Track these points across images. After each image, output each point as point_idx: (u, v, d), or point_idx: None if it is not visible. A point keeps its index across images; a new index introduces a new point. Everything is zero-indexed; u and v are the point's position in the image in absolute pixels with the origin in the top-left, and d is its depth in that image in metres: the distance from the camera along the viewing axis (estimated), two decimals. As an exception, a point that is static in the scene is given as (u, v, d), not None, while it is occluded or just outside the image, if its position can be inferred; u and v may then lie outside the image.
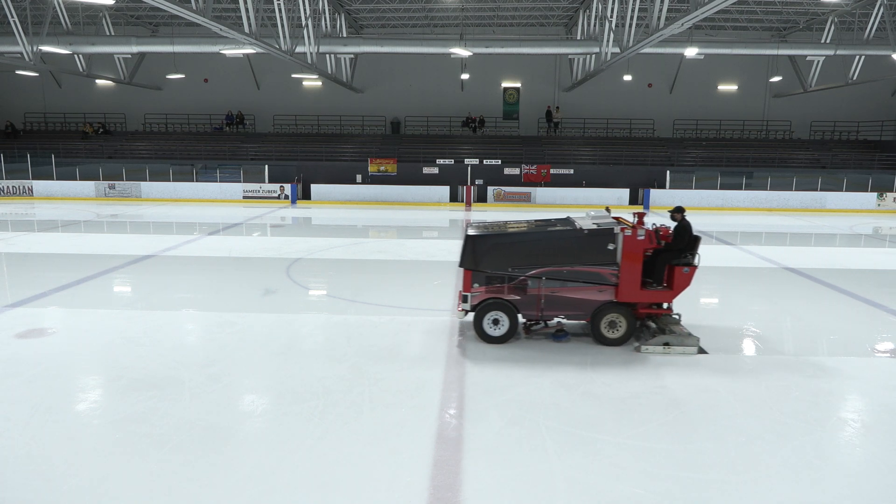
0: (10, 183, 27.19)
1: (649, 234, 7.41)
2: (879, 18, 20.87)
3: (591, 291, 7.51)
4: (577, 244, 7.49)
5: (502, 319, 7.58)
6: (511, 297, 7.57)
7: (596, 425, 5.47)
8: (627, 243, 7.32)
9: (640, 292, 7.44)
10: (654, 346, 7.37)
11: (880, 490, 4.58)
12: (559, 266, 7.48)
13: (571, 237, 7.54)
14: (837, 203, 26.44)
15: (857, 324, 9.07)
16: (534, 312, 7.65)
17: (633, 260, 7.34)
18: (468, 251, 7.60)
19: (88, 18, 25.77)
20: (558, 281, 7.51)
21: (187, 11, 12.98)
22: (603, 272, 7.44)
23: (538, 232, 7.74)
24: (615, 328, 7.56)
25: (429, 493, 4.40)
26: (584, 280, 7.49)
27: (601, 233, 7.44)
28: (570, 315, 7.68)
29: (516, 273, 7.55)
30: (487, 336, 7.63)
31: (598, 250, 7.41)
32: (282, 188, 26.89)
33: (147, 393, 6.02)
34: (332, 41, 21.67)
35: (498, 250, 7.57)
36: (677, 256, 7.68)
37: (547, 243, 7.59)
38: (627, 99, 31.29)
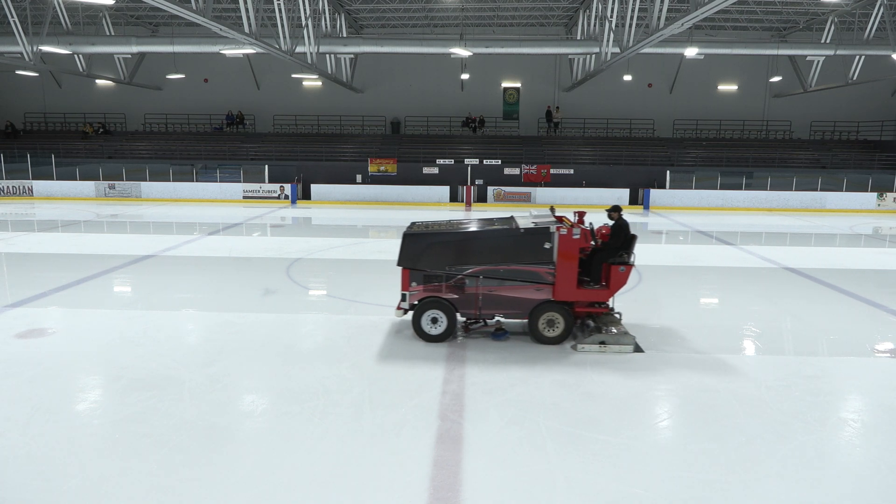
0: (10, 183, 27.19)
1: (584, 233, 7.44)
2: (879, 18, 20.88)
3: (528, 290, 7.52)
4: (514, 243, 7.51)
5: (441, 318, 7.59)
6: (449, 295, 7.60)
7: (596, 425, 5.47)
8: (563, 242, 7.34)
9: (576, 291, 7.46)
10: (590, 344, 7.39)
11: (881, 490, 4.58)
12: (496, 265, 7.51)
13: (508, 236, 7.56)
14: (837, 203, 26.44)
15: (857, 324, 9.07)
16: (472, 311, 7.67)
17: (568, 258, 7.36)
18: (405, 250, 7.64)
19: (88, 18, 25.77)
20: (496, 280, 7.53)
21: (187, 11, 12.98)
22: (539, 271, 7.46)
23: (474, 231, 7.75)
24: (553, 327, 7.58)
25: (429, 493, 4.40)
26: (521, 279, 7.51)
27: (537, 231, 7.45)
28: (508, 314, 7.70)
29: (454, 272, 7.57)
30: (426, 335, 7.64)
31: (534, 249, 7.43)
32: (282, 188, 26.89)
33: (147, 393, 6.02)
34: (332, 41, 21.67)
35: (434, 249, 7.58)
36: (613, 255, 7.70)
37: (483, 242, 7.62)
38: (627, 99, 31.29)
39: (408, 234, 7.68)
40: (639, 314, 9.16)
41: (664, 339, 8.06)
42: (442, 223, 8.49)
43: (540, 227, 7.48)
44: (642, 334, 8.09)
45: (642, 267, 12.97)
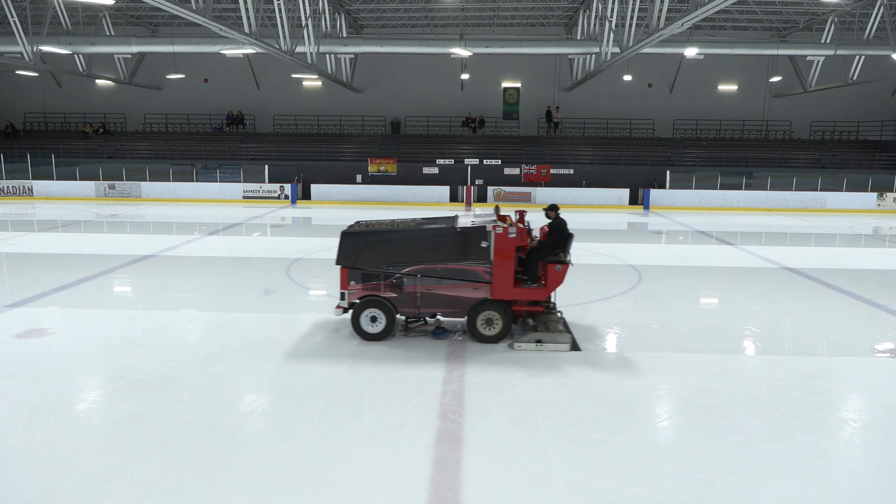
0: (10, 183, 27.18)
1: (520, 232, 7.45)
2: (879, 18, 20.87)
3: (466, 289, 7.54)
4: (451, 242, 7.53)
5: (380, 317, 7.62)
6: (388, 294, 7.63)
7: (596, 425, 5.47)
8: (499, 241, 7.35)
9: (513, 289, 7.48)
10: (527, 343, 7.41)
11: (881, 490, 4.58)
12: (433, 264, 7.53)
13: (444, 235, 7.59)
14: (837, 203, 26.44)
15: (857, 324, 9.07)
16: (411, 310, 7.69)
17: (504, 257, 7.38)
18: (343, 249, 7.67)
19: (88, 18, 25.76)
20: (433, 278, 7.55)
21: (187, 11, 12.98)
22: (476, 270, 7.48)
23: (411, 230, 7.78)
24: (492, 325, 7.59)
25: (429, 493, 4.40)
26: (458, 278, 7.53)
27: (473, 230, 7.47)
28: (446, 312, 7.73)
29: (392, 270, 7.60)
30: (365, 333, 7.67)
31: (471, 248, 7.45)
32: (282, 188, 26.89)
33: (147, 393, 6.02)
34: (332, 41, 21.67)
35: (372, 248, 7.62)
36: (550, 254, 7.72)
37: (420, 241, 7.64)
38: (627, 99, 31.29)
39: (345, 233, 7.73)
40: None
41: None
42: (384, 222, 8.53)
43: (476, 226, 7.52)
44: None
45: (642, 267, 12.98)
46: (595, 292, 10.76)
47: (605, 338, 8.20)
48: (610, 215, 24.07)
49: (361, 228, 7.94)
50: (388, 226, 8.08)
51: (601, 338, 8.23)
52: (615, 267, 13.10)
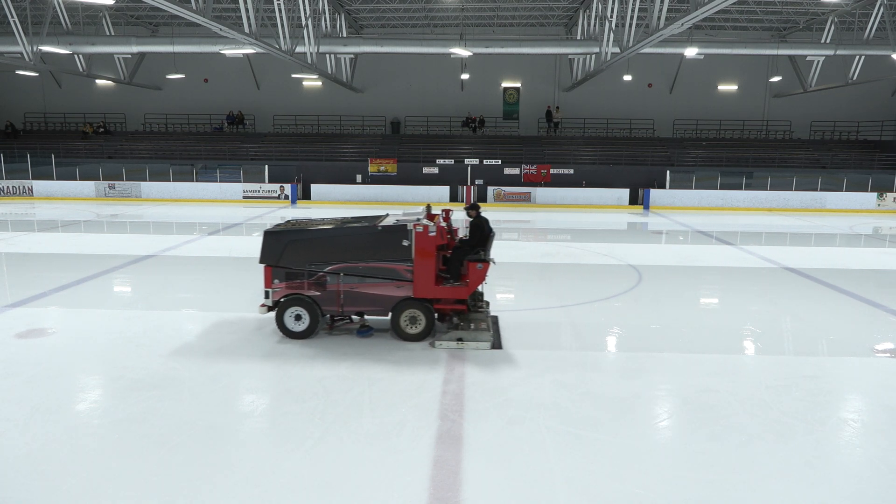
0: (10, 183, 27.19)
1: (440, 231, 7.47)
2: (879, 18, 20.88)
3: (388, 287, 7.57)
4: (372, 240, 7.56)
5: (304, 315, 7.64)
6: (311, 292, 7.64)
7: (596, 425, 5.47)
8: (419, 239, 7.37)
9: (434, 288, 7.50)
10: (448, 341, 7.44)
11: (880, 490, 4.58)
12: (355, 262, 7.56)
13: (366, 234, 7.62)
14: (837, 203, 26.45)
15: (857, 324, 9.07)
16: (335, 308, 7.71)
17: (425, 256, 7.40)
18: (266, 248, 7.69)
19: (88, 18, 25.77)
20: (356, 277, 7.58)
21: (187, 11, 12.98)
22: (398, 268, 7.51)
23: (333, 229, 7.80)
24: (415, 323, 7.62)
25: (429, 493, 4.40)
26: (381, 276, 7.56)
27: (394, 229, 7.50)
28: (370, 311, 7.74)
29: (315, 269, 7.61)
30: (289, 331, 7.69)
31: (392, 246, 7.48)
32: (282, 188, 26.89)
33: (147, 393, 6.02)
34: (332, 41, 21.67)
35: (294, 247, 7.63)
36: (470, 252, 7.75)
37: (342, 240, 7.66)
38: (627, 99, 31.29)
39: (268, 231, 7.75)
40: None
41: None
42: (311, 221, 8.56)
43: (398, 224, 7.56)
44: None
45: (642, 267, 12.98)
46: (595, 292, 10.76)
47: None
48: (610, 215, 24.07)
49: (284, 227, 7.98)
50: (311, 224, 8.14)
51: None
52: (615, 267, 13.10)
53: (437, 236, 7.36)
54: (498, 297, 10.73)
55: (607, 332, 8.53)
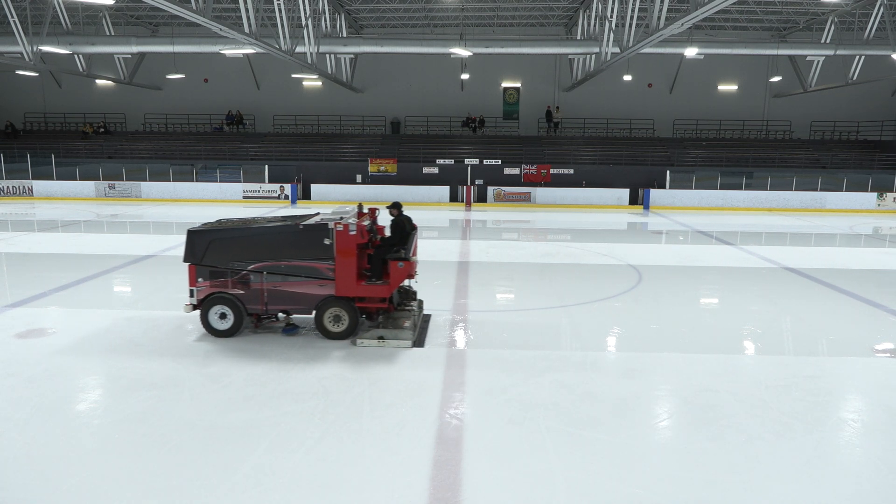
0: (10, 183, 27.18)
1: (361, 229, 7.49)
2: (879, 18, 20.88)
3: (312, 286, 7.60)
4: (294, 239, 7.60)
5: (228, 314, 7.68)
6: (235, 291, 7.68)
7: (596, 425, 5.47)
8: (340, 238, 7.41)
9: (356, 286, 7.53)
10: (369, 339, 7.49)
11: (880, 490, 4.58)
12: (278, 261, 7.60)
13: (288, 232, 7.65)
14: (837, 203, 26.45)
15: (857, 324, 9.07)
16: (259, 307, 7.74)
17: (346, 255, 7.43)
18: (189, 247, 7.72)
19: (88, 18, 25.77)
20: (280, 275, 7.61)
21: (187, 11, 12.98)
22: (320, 267, 7.55)
23: (255, 227, 7.84)
24: (339, 322, 7.65)
25: (429, 493, 4.40)
26: (303, 275, 7.60)
27: (316, 228, 7.53)
28: (294, 309, 7.77)
29: (238, 267, 7.65)
30: (214, 330, 7.73)
31: (314, 245, 7.52)
32: (282, 188, 26.89)
33: (147, 393, 6.02)
34: (332, 41, 21.67)
35: (217, 245, 7.67)
36: (391, 251, 7.79)
37: (264, 238, 7.69)
38: (627, 99, 31.29)
39: (191, 231, 7.79)
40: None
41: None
42: (238, 220, 8.60)
43: (319, 223, 7.59)
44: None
45: (642, 267, 12.99)
46: (595, 292, 10.76)
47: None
48: (610, 215, 24.07)
49: (207, 226, 8.02)
50: (234, 223, 8.18)
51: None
52: (615, 267, 13.10)
53: (357, 235, 7.41)
54: (498, 297, 10.75)
55: (607, 332, 8.53)
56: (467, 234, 18.10)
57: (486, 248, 15.34)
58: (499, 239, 17.71)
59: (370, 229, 7.81)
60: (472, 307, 9.50)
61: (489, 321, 8.82)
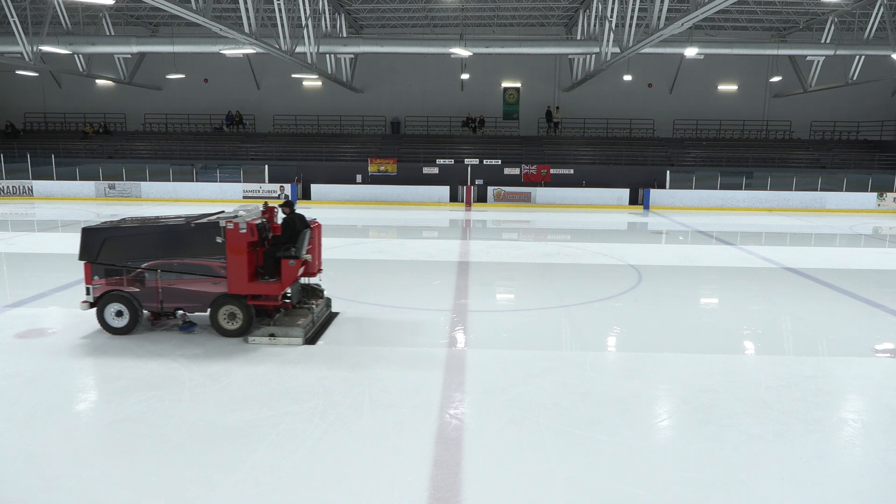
0: (10, 183, 27.18)
1: (251, 228, 7.51)
2: (879, 18, 20.87)
3: (206, 284, 7.65)
4: (186, 237, 7.65)
5: (124, 311, 7.72)
6: (131, 289, 7.72)
7: (596, 425, 5.47)
8: (230, 237, 7.46)
9: (248, 284, 7.57)
10: (261, 336, 7.54)
11: (880, 490, 4.58)
12: (171, 259, 7.66)
13: (180, 231, 7.70)
14: (837, 203, 26.44)
15: (857, 324, 9.07)
16: (154, 304, 7.79)
17: (237, 253, 7.48)
18: (84, 245, 7.76)
19: (88, 18, 25.77)
20: (174, 273, 7.67)
21: (187, 11, 12.98)
22: (212, 265, 7.61)
23: (148, 226, 7.90)
24: (234, 319, 7.70)
25: (429, 493, 4.40)
26: (197, 273, 7.65)
27: (207, 226, 7.60)
28: (189, 307, 7.82)
29: (133, 266, 7.69)
30: (111, 328, 7.77)
31: (206, 243, 7.57)
32: (282, 188, 26.89)
33: (147, 393, 6.02)
34: (332, 41, 21.67)
35: (112, 244, 7.71)
36: (282, 249, 7.82)
37: (157, 237, 7.74)
38: (627, 99, 31.29)
39: (85, 229, 7.82)
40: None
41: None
42: (139, 218, 8.66)
43: (211, 221, 7.65)
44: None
45: (642, 267, 12.99)
46: (595, 292, 10.76)
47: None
48: (610, 215, 24.07)
49: (102, 224, 8.07)
50: (129, 222, 8.24)
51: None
52: (615, 267, 13.10)
53: (247, 233, 7.44)
54: (498, 297, 10.75)
55: (607, 332, 8.53)
56: (467, 234, 18.10)
57: (486, 248, 15.34)
58: (499, 239, 17.70)
59: (261, 227, 7.82)
60: (472, 307, 9.51)
61: (489, 321, 8.83)
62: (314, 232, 8.37)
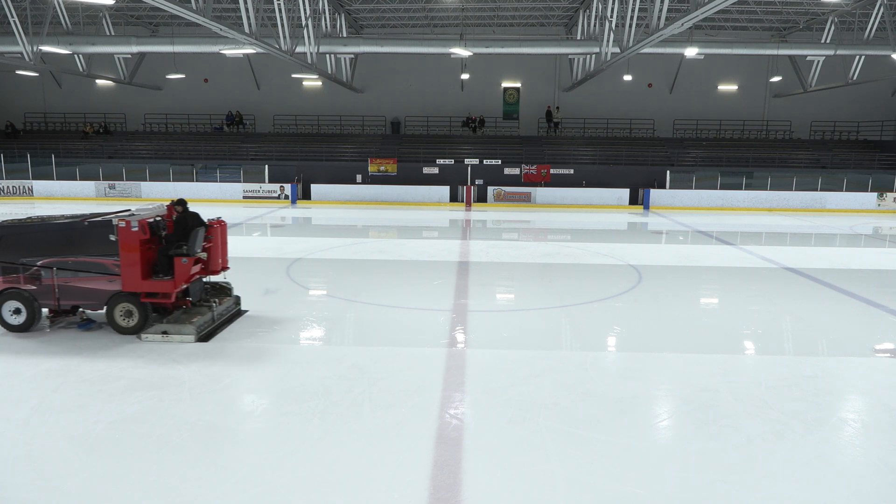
0: (10, 183, 27.18)
1: (142, 226, 7.54)
2: (879, 18, 20.87)
3: (101, 281, 7.71)
4: (81, 235, 7.70)
5: (22, 309, 7.76)
6: (28, 286, 7.76)
7: (596, 425, 5.47)
8: (122, 235, 7.50)
9: (142, 282, 7.60)
10: (154, 334, 7.59)
11: (880, 490, 4.58)
12: (66, 256, 7.70)
13: (74, 229, 7.75)
14: (837, 203, 26.44)
15: (857, 324, 9.07)
16: (51, 302, 7.83)
17: (129, 250, 7.52)
18: None
19: (88, 18, 25.76)
20: (69, 271, 7.71)
21: (187, 11, 12.98)
22: (106, 263, 7.66)
23: (42, 224, 7.92)
24: (130, 317, 7.73)
25: (429, 493, 4.40)
26: (92, 271, 7.70)
27: (100, 225, 7.65)
28: (86, 305, 7.87)
29: (29, 263, 7.73)
30: (8, 325, 7.82)
31: (101, 241, 7.63)
32: (282, 188, 26.89)
33: (147, 393, 6.02)
34: (332, 41, 21.67)
35: (7, 241, 7.76)
36: (174, 248, 7.85)
37: (52, 235, 7.78)
38: (627, 99, 31.29)
39: None
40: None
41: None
42: (38, 217, 8.67)
43: (104, 220, 7.69)
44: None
45: (642, 267, 12.99)
46: (595, 292, 10.76)
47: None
48: (610, 215, 24.07)
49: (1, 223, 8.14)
50: (26, 220, 8.27)
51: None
52: (615, 267, 13.10)
53: (139, 231, 7.48)
54: (498, 297, 10.75)
55: (607, 332, 8.54)
56: (467, 234, 18.10)
57: (486, 248, 15.34)
58: (499, 239, 17.70)
59: (154, 226, 7.83)
60: (472, 307, 9.51)
61: (489, 321, 8.83)
62: (214, 231, 8.45)
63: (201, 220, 8.19)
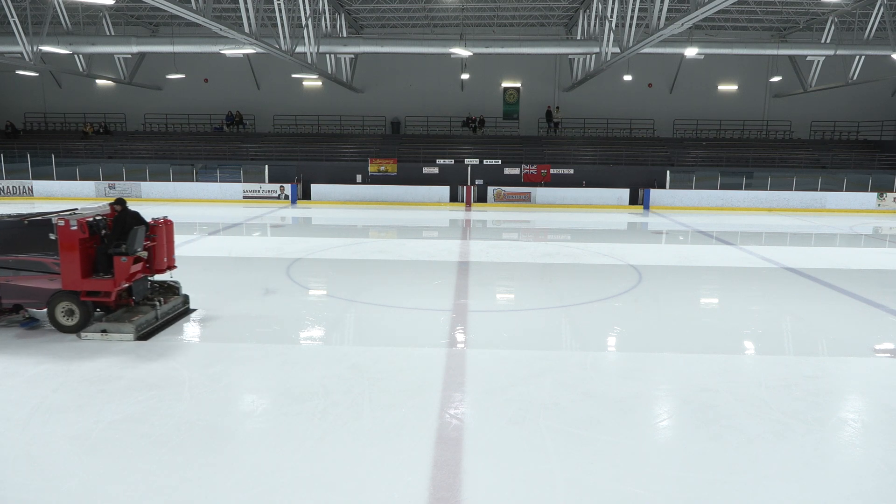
0: (10, 183, 27.18)
1: (81, 225, 7.54)
2: (879, 18, 20.87)
3: (42, 280, 7.72)
4: (20, 234, 7.73)
5: None
6: None
7: (596, 425, 5.47)
8: (62, 233, 7.52)
9: (82, 280, 7.62)
10: (93, 332, 7.62)
11: (880, 490, 4.58)
12: (6, 255, 7.73)
13: (14, 227, 7.77)
14: (837, 203, 26.45)
15: (857, 324, 9.07)
16: None
17: (69, 249, 7.53)
18: None
19: (88, 18, 25.76)
20: (9, 270, 7.73)
21: (187, 11, 12.98)
22: (46, 261, 7.68)
23: None
24: (72, 316, 7.75)
25: (429, 493, 4.40)
26: (32, 269, 7.72)
27: (40, 224, 7.67)
28: (27, 303, 7.89)
29: None
30: None
31: (41, 240, 7.65)
32: (282, 188, 26.89)
33: (147, 393, 6.02)
34: (332, 41, 21.67)
35: None
36: (113, 246, 7.86)
37: None
38: (627, 99, 31.29)
39: None
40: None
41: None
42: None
43: (44, 218, 7.70)
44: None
45: (642, 267, 12.99)
46: (595, 292, 10.76)
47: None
48: (610, 215, 24.07)
49: None
50: None
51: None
52: (615, 267, 13.10)
53: (78, 230, 7.49)
54: (498, 297, 10.75)
55: (607, 332, 8.53)
56: (467, 234, 18.10)
57: (486, 248, 15.34)
58: (499, 239, 17.70)
59: (93, 225, 7.83)
60: (472, 307, 9.51)
61: (489, 321, 8.83)
62: (157, 230, 8.47)
63: (141, 219, 8.24)
